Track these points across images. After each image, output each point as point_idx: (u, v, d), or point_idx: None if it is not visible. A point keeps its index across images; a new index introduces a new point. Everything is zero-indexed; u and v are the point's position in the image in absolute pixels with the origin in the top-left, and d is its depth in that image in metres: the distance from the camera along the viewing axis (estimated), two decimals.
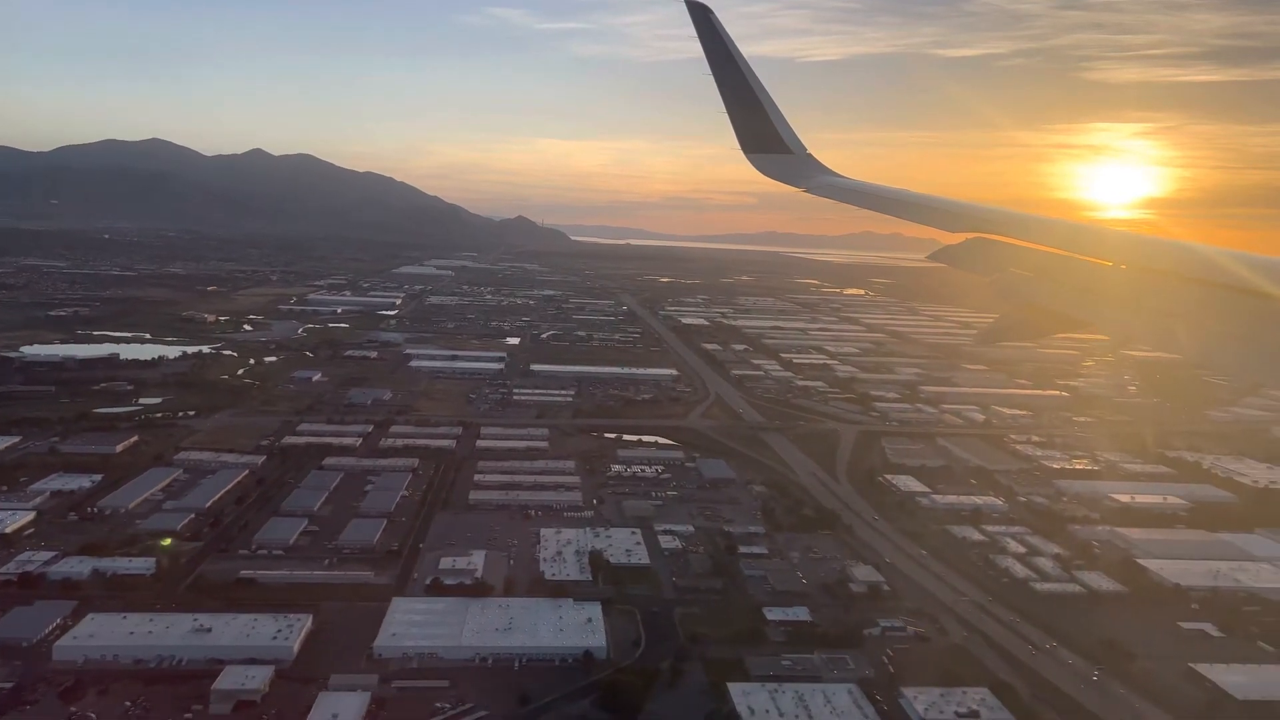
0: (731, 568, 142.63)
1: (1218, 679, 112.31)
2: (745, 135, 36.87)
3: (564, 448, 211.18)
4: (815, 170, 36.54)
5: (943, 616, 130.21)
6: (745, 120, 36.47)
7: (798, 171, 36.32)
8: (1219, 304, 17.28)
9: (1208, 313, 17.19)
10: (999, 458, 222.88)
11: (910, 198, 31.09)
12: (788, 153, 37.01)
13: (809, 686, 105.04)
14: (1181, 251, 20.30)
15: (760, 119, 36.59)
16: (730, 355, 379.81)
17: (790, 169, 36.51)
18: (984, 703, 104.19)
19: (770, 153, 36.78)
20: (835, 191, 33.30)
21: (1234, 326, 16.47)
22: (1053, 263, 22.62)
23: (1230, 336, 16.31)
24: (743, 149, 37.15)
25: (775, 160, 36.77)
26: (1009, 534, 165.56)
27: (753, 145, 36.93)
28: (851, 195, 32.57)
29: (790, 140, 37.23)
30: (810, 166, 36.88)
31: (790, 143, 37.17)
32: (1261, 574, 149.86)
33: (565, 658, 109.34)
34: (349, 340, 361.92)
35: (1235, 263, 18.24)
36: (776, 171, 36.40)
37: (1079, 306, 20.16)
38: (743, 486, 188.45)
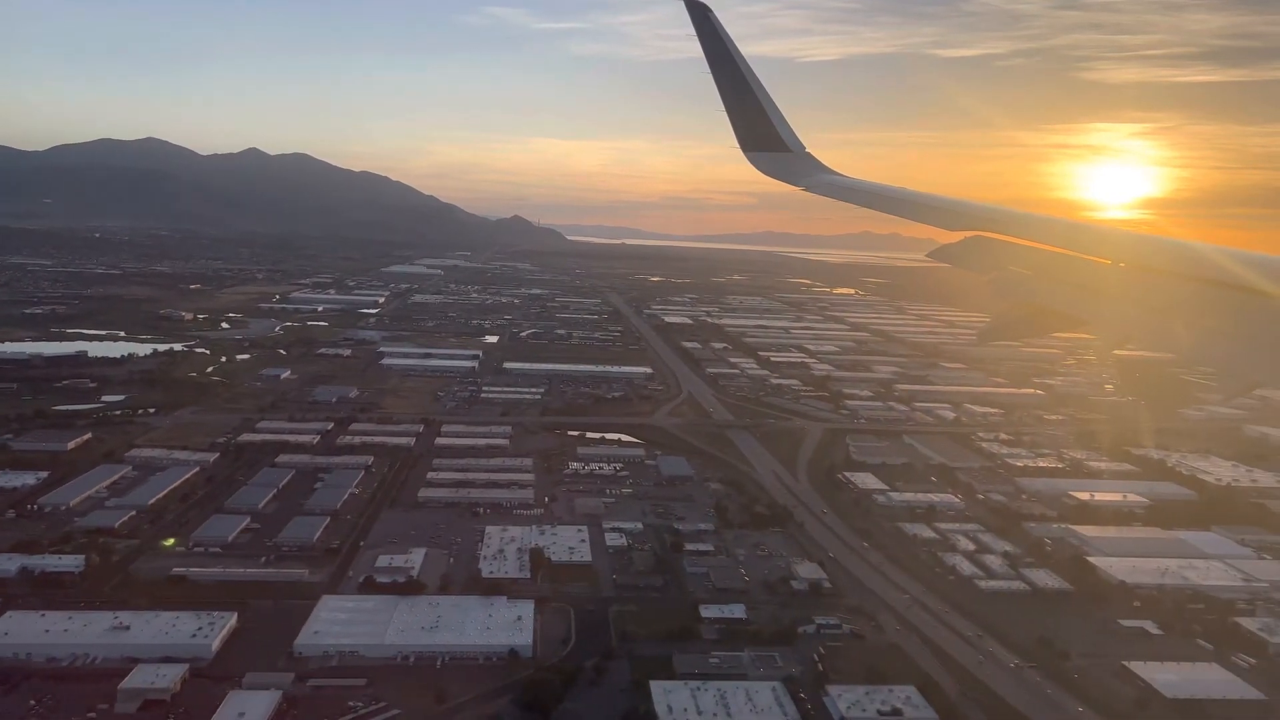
0: (674, 565, 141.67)
1: (1148, 677, 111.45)
2: (744, 134, 36.94)
3: (524, 446, 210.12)
4: (814, 169, 36.58)
5: (882, 614, 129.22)
6: (744, 119, 36.53)
7: (796, 170, 36.34)
8: (1217, 302, 17.16)
9: (1206, 311, 17.10)
10: (963, 455, 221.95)
11: (909, 196, 31.09)
12: (786, 151, 37.02)
13: (733, 684, 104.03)
14: (1180, 250, 20.27)
15: (759, 117, 36.63)
16: (709, 353, 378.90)
17: (789, 167, 36.52)
18: (909, 701, 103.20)
19: (769, 151, 36.84)
20: (834, 190, 33.38)
21: (1232, 325, 16.38)
22: (1052, 261, 22.61)
23: (1229, 335, 16.22)
24: (742, 148, 37.23)
25: (774, 159, 36.82)
26: (962, 531, 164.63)
27: (752, 144, 37.00)
28: (850, 193, 32.61)
29: (789, 139, 37.28)
30: (809, 165, 36.92)
31: (789, 141, 37.22)
32: (1211, 572, 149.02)
33: (490, 656, 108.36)
34: (325, 338, 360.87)
35: (1234, 261, 18.15)
36: (775, 170, 36.40)
37: (1078, 305, 20.14)
38: (700, 484, 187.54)
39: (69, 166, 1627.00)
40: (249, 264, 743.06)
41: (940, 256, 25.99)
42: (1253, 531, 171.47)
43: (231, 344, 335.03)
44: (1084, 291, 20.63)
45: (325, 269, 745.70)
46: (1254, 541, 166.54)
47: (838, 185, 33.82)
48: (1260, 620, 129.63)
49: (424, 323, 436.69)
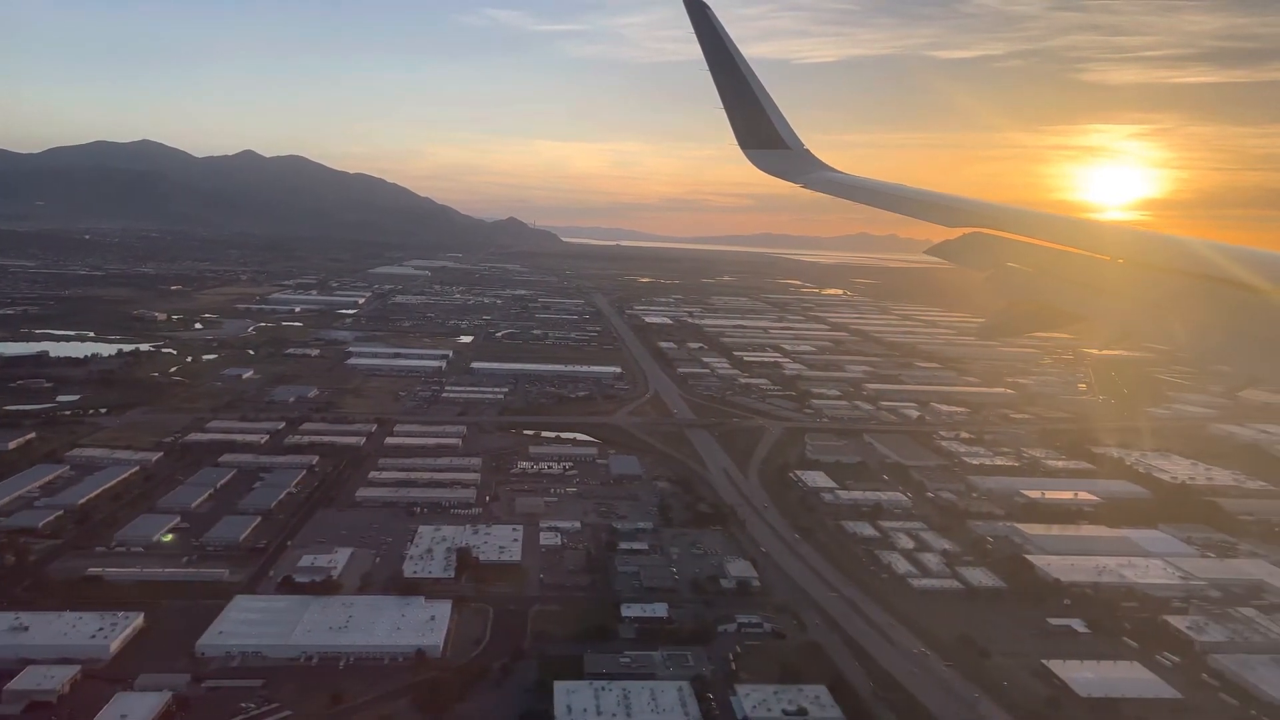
0: (605, 564, 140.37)
1: (1065, 676, 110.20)
2: (743, 131, 36.87)
3: (477, 445, 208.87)
4: (812, 166, 36.49)
5: (808, 612, 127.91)
6: (743, 116, 36.46)
7: (795, 167, 36.33)
8: (1217, 299, 17.06)
9: (1205, 308, 17.01)
10: (920, 454, 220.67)
11: (907, 193, 30.93)
12: (785, 149, 36.93)
13: (638, 684, 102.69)
14: (1179, 246, 20.24)
15: (758, 115, 36.55)
16: (683, 353, 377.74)
17: (788, 165, 36.47)
18: (818, 700, 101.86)
19: (768, 149, 36.79)
20: (832, 187, 33.25)
21: (1231, 321, 16.29)
22: (1051, 258, 22.53)
23: (1228, 331, 16.15)
24: (740, 145, 37.19)
25: (773, 156, 36.76)
26: (904, 530, 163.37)
27: (750, 141, 36.94)
28: (849, 190, 32.51)
29: (788, 136, 37.17)
30: (808, 162, 36.84)
31: (788, 139, 37.11)
32: (1150, 570, 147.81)
33: (396, 657, 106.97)
34: (296, 339, 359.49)
35: (1233, 258, 18.02)
36: (774, 167, 36.39)
37: (1077, 301, 20.03)
38: (647, 483, 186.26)
39: (63, 168, 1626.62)
40: (236, 265, 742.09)
41: (939, 253, 25.86)
42: (1200, 530, 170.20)
43: (200, 344, 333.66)
44: (1083, 288, 20.48)
45: (312, 270, 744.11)
46: (1200, 540, 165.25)
47: (836, 182, 33.80)
48: (1190, 619, 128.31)
49: (400, 323, 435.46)
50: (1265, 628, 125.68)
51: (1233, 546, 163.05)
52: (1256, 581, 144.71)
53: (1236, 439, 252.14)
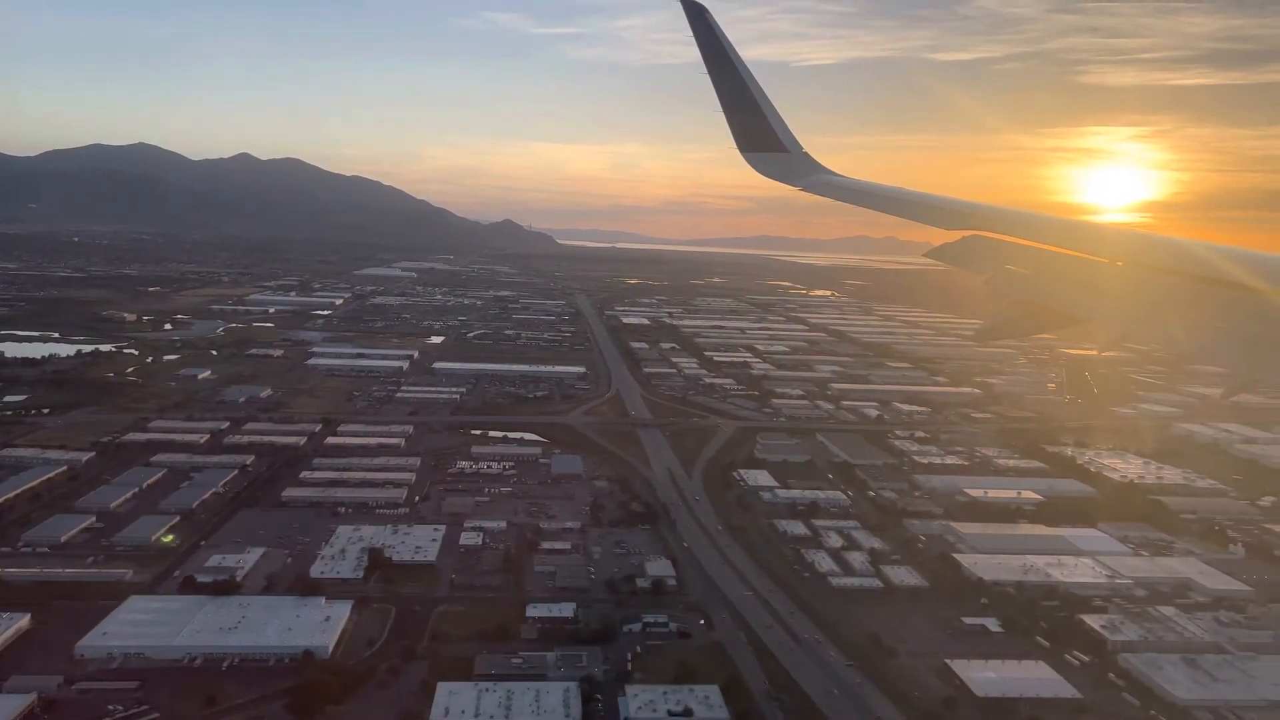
0: (522, 564, 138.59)
1: (965, 675, 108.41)
2: (741, 134, 36.69)
3: (421, 445, 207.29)
4: (811, 169, 36.39)
5: (720, 611, 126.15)
6: (741, 119, 36.29)
7: (794, 170, 36.21)
8: (1216, 300, 17.00)
9: (1205, 309, 16.93)
10: (870, 453, 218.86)
11: (906, 195, 30.83)
12: (784, 151, 36.78)
13: (524, 685, 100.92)
14: (1179, 248, 20.17)
15: (756, 118, 36.36)
16: (654, 354, 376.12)
17: (786, 168, 36.33)
18: (707, 701, 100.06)
19: (767, 151, 36.67)
20: (831, 190, 33.17)
21: (1231, 323, 16.22)
22: (1049, 260, 22.44)
23: (1227, 333, 16.09)
24: (739, 148, 37.01)
25: (772, 159, 36.65)
26: (836, 528, 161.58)
27: (749, 144, 36.78)
28: (847, 193, 32.39)
29: (786, 139, 37.01)
30: (807, 165, 36.67)
31: (786, 142, 36.95)
32: (1078, 569, 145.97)
33: (283, 658, 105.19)
34: (262, 339, 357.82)
35: (1232, 260, 17.97)
36: (773, 170, 36.28)
37: (1076, 303, 19.98)
38: (586, 482, 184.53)
39: (59, 171, 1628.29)
40: (222, 267, 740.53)
41: (937, 256, 25.77)
42: (1139, 529, 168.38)
43: (164, 345, 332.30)
44: (1082, 290, 20.45)
45: (299, 272, 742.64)
46: (1137, 539, 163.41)
47: (835, 185, 33.70)
48: (1106, 618, 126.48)
49: (373, 324, 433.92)
50: (1182, 627, 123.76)
51: (1169, 545, 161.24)
52: (1184, 580, 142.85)
53: (1197, 438, 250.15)
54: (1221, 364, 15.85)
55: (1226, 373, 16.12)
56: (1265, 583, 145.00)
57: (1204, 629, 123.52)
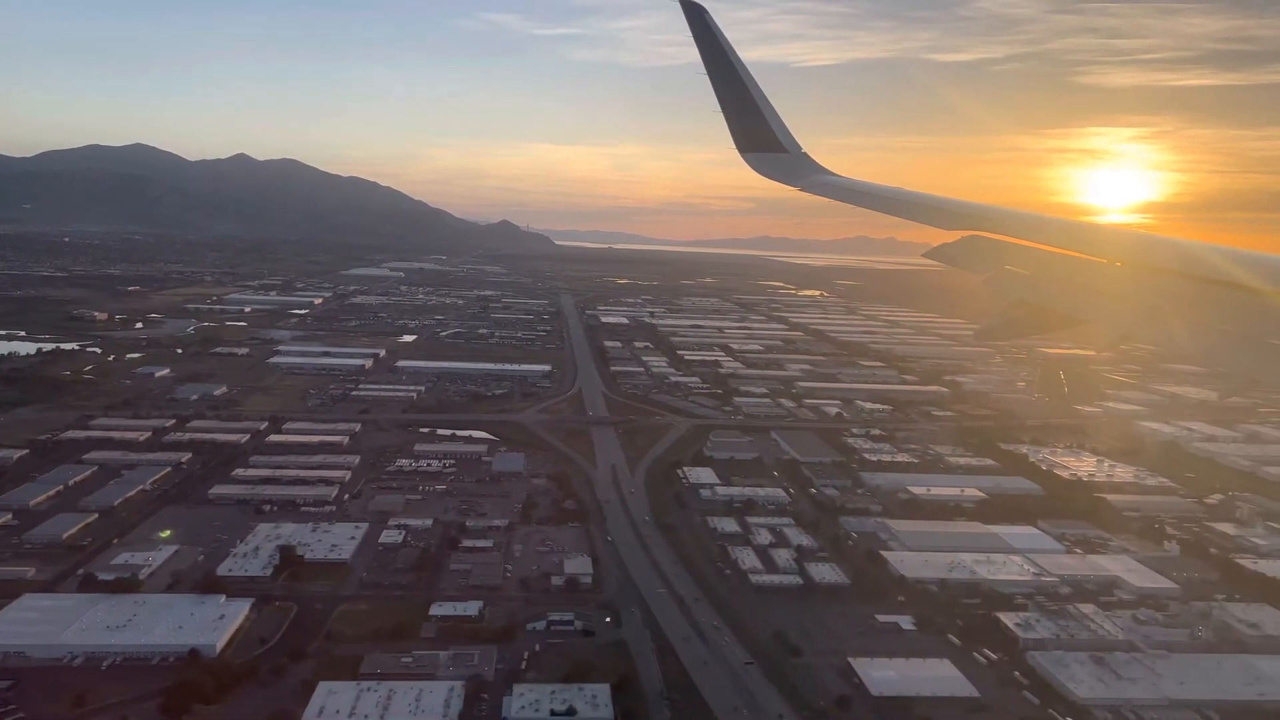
0: (438, 562, 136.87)
1: (864, 674, 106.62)
2: (741, 135, 36.75)
3: (366, 443, 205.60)
4: (811, 169, 36.34)
5: (630, 610, 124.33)
6: (741, 120, 36.30)
7: (793, 170, 36.21)
8: (1216, 301, 17.00)
9: (1205, 310, 16.94)
10: (821, 451, 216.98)
11: (905, 196, 30.73)
12: (783, 152, 36.79)
13: (408, 685, 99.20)
14: (1178, 249, 20.18)
15: (756, 118, 36.38)
16: (626, 352, 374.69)
17: (786, 168, 36.35)
18: (594, 700, 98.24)
19: (766, 152, 36.69)
20: (831, 190, 33.15)
21: (1231, 324, 16.20)
22: (1049, 260, 22.42)
23: (1227, 334, 16.06)
24: (738, 149, 37.06)
25: (771, 159, 36.66)
26: (769, 525, 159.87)
27: (748, 145, 36.81)
28: (847, 193, 32.41)
29: (786, 140, 36.99)
30: (806, 165, 36.66)
31: (786, 142, 36.94)
32: (1006, 567, 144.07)
33: (168, 656, 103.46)
34: (231, 338, 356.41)
35: (1232, 260, 17.98)
36: (772, 170, 36.30)
37: (1075, 304, 19.98)
38: (525, 480, 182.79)
39: (55, 172, 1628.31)
40: (209, 267, 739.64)
41: (936, 256, 25.72)
42: (1078, 526, 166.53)
43: (130, 343, 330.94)
44: (1081, 290, 20.45)
45: (287, 272, 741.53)
46: (1074, 536, 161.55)
47: (834, 185, 33.66)
48: (1023, 616, 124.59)
49: (347, 323, 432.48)
50: (1098, 625, 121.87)
51: (1105, 543, 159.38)
52: (1112, 578, 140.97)
53: (1158, 436, 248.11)
54: (1221, 365, 15.74)
55: (1224, 374, 15.89)
56: (1195, 580, 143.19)
57: (1120, 627, 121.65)
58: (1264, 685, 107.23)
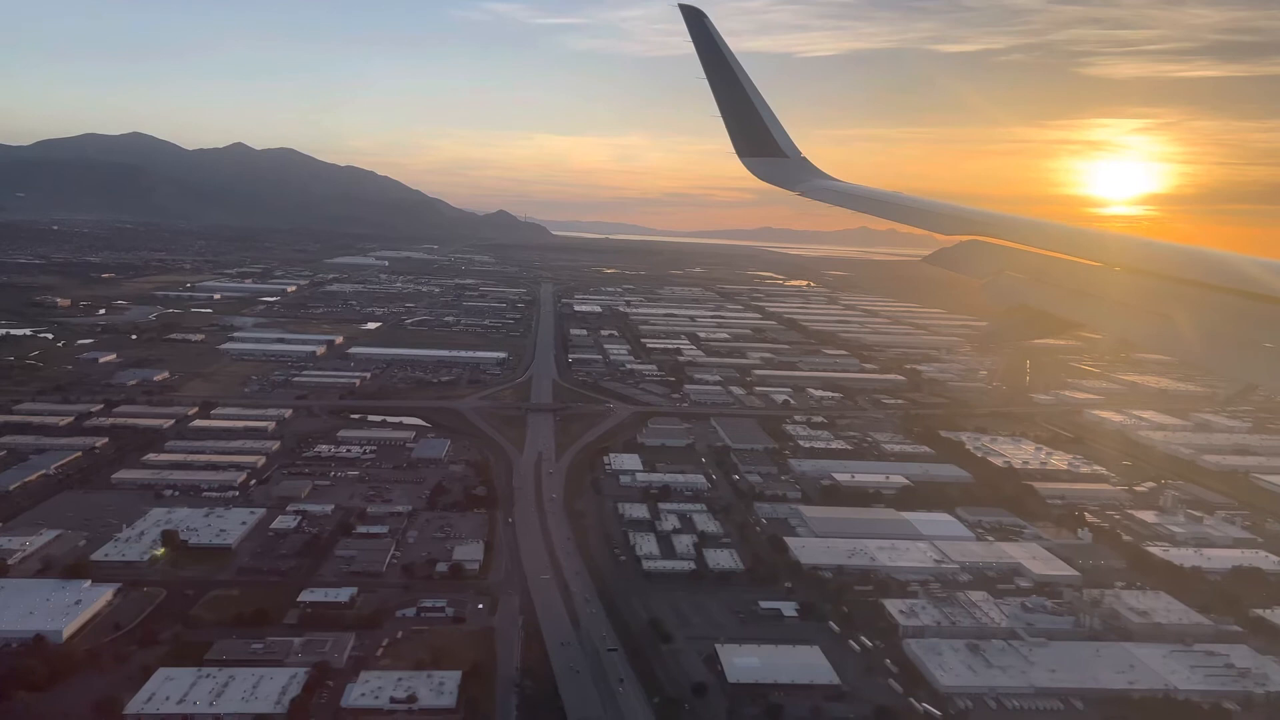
0: (326, 549, 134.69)
1: (727, 661, 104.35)
2: (740, 139, 36.62)
3: (295, 428, 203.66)
4: (809, 174, 36.23)
5: (509, 597, 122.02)
6: (740, 125, 36.11)
7: (792, 175, 36.02)
8: (1213, 305, 17.03)
9: (1202, 314, 16.91)
10: (756, 438, 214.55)
11: (904, 201, 30.51)
12: (782, 156, 36.64)
13: (249, 671, 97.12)
14: (1176, 253, 20.06)
15: (754, 123, 36.19)
16: (589, 340, 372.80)
17: (784, 172, 36.24)
18: (441, 686, 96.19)
19: (765, 156, 36.46)
20: (829, 195, 33.02)
21: (1228, 327, 16.20)
22: (1047, 265, 22.35)
23: (1224, 337, 16.06)
24: (737, 153, 36.90)
25: (770, 164, 36.47)
26: (680, 511, 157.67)
27: (747, 149, 36.71)
28: (845, 198, 32.34)
29: (784, 144, 36.76)
30: (805, 170, 36.53)
31: (784, 146, 36.72)
32: (910, 553, 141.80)
33: (10, 642, 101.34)
34: (190, 324, 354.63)
35: (1229, 264, 18.15)
36: (771, 175, 36.17)
37: (1073, 308, 19.96)
38: (443, 466, 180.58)
39: (50, 161, 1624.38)
40: (193, 255, 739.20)
41: (936, 261, 25.67)
42: (996, 513, 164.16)
43: (85, 329, 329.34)
44: (1080, 295, 20.41)
45: (272, 260, 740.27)
46: (990, 523, 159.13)
47: (833, 190, 33.51)
48: (910, 603, 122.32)
49: (314, 310, 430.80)
50: (983, 613, 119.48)
51: (1019, 530, 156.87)
52: (1014, 565, 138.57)
53: (1105, 425, 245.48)
54: (1219, 368, 15.77)
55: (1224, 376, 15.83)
56: (1100, 568, 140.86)
57: (1006, 615, 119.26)
58: (1136, 674, 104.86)
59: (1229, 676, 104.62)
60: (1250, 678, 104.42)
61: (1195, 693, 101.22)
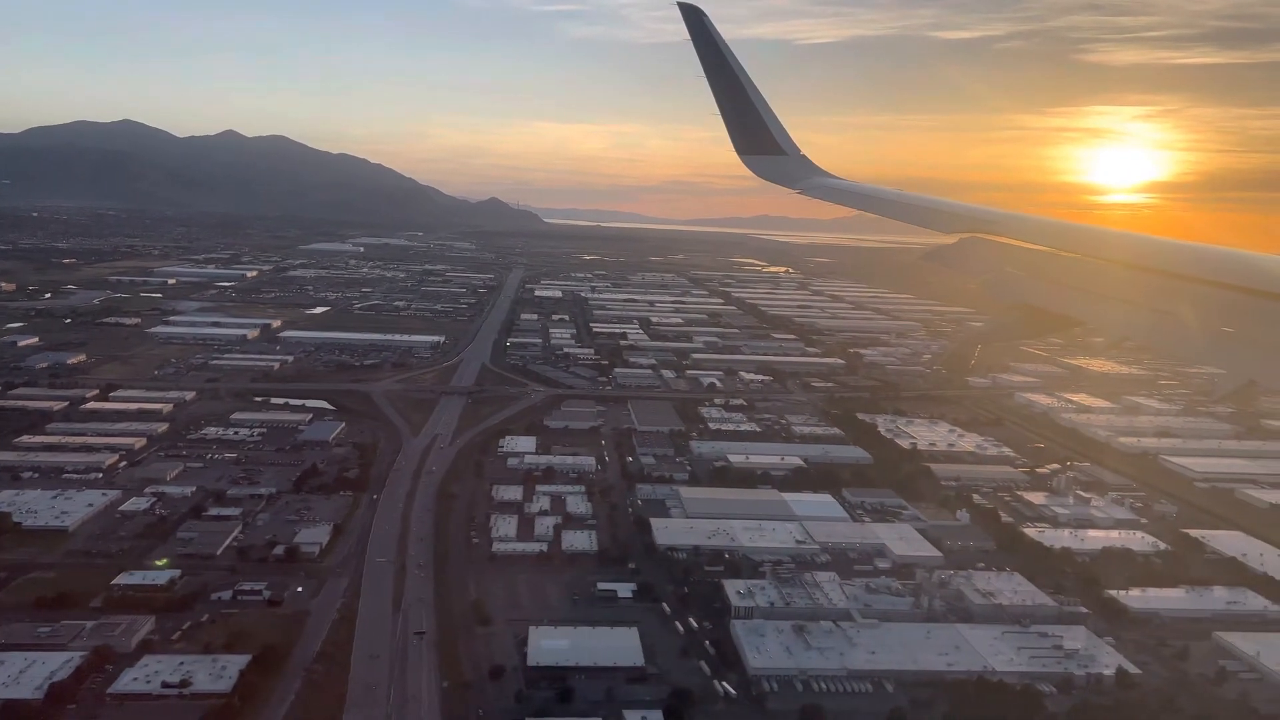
0: (170, 531, 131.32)
1: (535, 644, 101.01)
2: (739, 138, 36.51)
3: (192, 411, 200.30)
4: (809, 171, 36.25)
5: (338, 580, 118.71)
6: (739, 123, 36.04)
7: (792, 173, 35.95)
8: (1211, 301, 16.95)
9: (1200, 310, 16.81)
10: (667, 420, 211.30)
11: (903, 198, 30.37)
12: (782, 154, 36.57)
13: (22, 655, 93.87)
14: (1175, 250, 20.04)
15: (754, 121, 36.09)
16: (536, 325, 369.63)
17: (784, 170, 36.19)
18: (223, 671, 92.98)
19: (764, 154, 36.40)
20: (828, 193, 33.02)
21: (1226, 323, 16.19)
22: (1046, 262, 22.28)
23: (1224, 335, 16.02)
24: (737, 150, 36.81)
25: (769, 162, 36.40)
26: (556, 493, 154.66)
27: (746, 147, 36.64)
28: (845, 196, 32.47)
29: (784, 141, 36.68)
30: (804, 168, 36.47)
31: (784, 144, 36.64)
32: (775, 534, 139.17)
33: None
34: (131, 309, 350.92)
35: (1227, 261, 18.17)
36: (771, 173, 36.18)
37: (1071, 305, 19.90)
38: (328, 448, 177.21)
39: (41, 148, 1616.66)
40: (170, 242, 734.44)
41: (935, 259, 25.55)
42: (882, 494, 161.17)
43: (20, 313, 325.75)
44: (1079, 292, 20.35)
45: (246, 246, 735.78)
46: (873, 504, 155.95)
47: (832, 188, 33.50)
48: (752, 583, 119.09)
49: (266, 295, 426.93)
50: (824, 594, 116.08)
51: (899, 511, 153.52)
52: (878, 546, 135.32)
53: (1032, 408, 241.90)
54: (1217, 364, 15.65)
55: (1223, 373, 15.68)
56: (969, 549, 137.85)
57: (848, 596, 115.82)
58: (959, 655, 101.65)
59: (1053, 658, 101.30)
60: (1075, 659, 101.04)
61: (1013, 674, 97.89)
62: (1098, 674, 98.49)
